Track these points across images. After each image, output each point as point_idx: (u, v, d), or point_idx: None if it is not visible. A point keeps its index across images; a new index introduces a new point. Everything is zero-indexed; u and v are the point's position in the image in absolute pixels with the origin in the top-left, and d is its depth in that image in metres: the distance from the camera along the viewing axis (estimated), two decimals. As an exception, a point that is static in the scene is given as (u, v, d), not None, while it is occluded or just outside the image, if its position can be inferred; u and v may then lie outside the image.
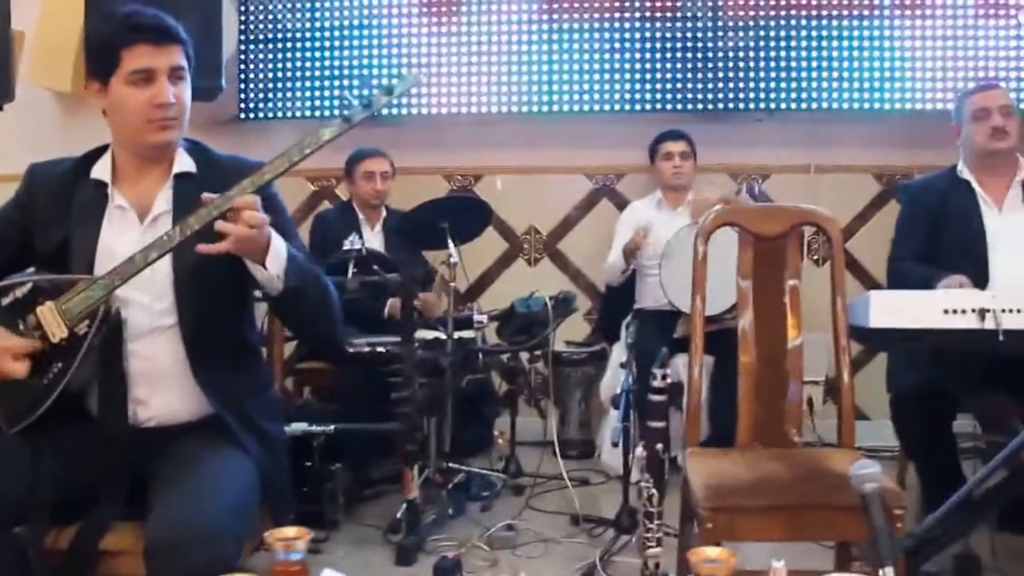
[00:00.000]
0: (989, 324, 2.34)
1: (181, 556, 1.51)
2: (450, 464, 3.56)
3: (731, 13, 4.25)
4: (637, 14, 4.30)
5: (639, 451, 1.52)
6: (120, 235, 1.84)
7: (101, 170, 1.88)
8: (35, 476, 1.68)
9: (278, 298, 1.80)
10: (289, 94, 4.46)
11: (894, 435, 2.96)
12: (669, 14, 4.28)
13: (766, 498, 1.96)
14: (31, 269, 1.85)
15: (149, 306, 1.81)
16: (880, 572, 1.35)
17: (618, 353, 4.15)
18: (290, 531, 1.34)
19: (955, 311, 2.37)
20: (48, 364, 1.72)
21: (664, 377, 1.51)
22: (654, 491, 1.51)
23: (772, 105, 4.28)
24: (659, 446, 1.50)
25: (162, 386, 1.82)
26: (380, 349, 3.22)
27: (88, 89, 1.84)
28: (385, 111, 1.86)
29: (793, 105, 4.26)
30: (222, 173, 1.88)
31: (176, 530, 1.54)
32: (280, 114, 4.49)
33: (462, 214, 3.61)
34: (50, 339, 1.71)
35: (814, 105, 4.26)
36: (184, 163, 1.91)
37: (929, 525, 1.40)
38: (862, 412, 3.86)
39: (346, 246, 3.25)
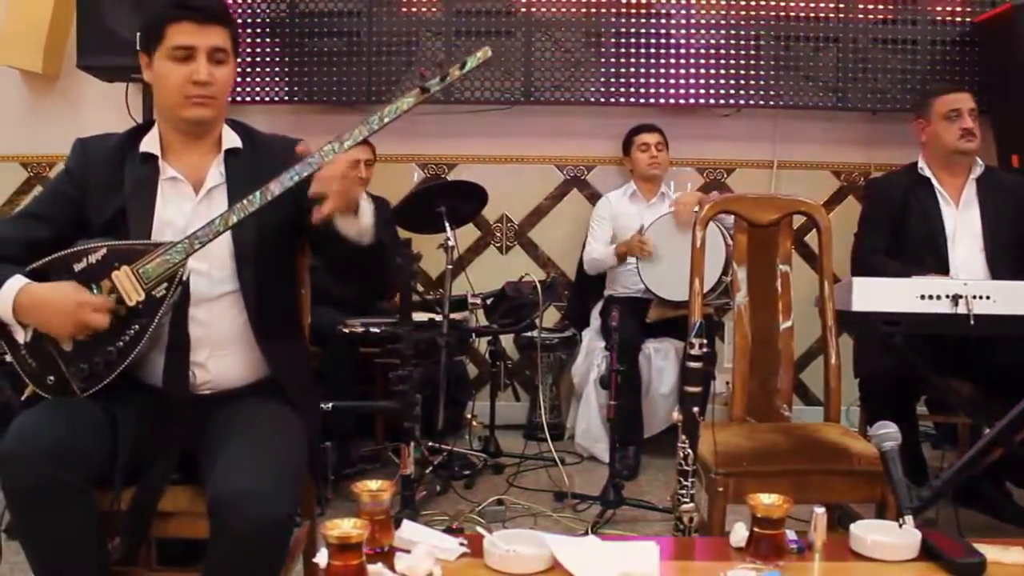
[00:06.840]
0: (961, 309, 2.53)
1: (246, 510, 1.56)
2: (432, 444, 3.65)
3: (703, 12, 4.41)
4: (613, 9, 4.42)
5: (675, 415, 1.64)
6: (176, 206, 1.89)
7: (150, 143, 1.93)
8: (115, 440, 1.72)
9: (364, 250, 1.82)
10: (259, 79, 4.49)
11: (846, 419, 3.15)
12: (644, 11, 4.42)
13: (773, 464, 2.12)
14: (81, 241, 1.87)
15: (208, 274, 1.86)
16: (900, 520, 1.51)
17: (589, 338, 4.29)
18: (373, 484, 1.44)
19: (931, 296, 2.56)
20: (123, 327, 1.76)
21: (702, 346, 1.63)
22: (690, 451, 1.63)
23: (741, 101, 4.46)
24: (695, 409, 1.63)
25: (221, 351, 1.88)
26: (375, 330, 3.28)
27: (141, 62, 1.91)
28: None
29: (762, 102, 4.44)
30: (269, 149, 1.97)
31: (241, 485, 1.59)
32: (251, 98, 4.51)
33: (459, 199, 3.69)
34: (126, 302, 1.75)
35: (781, 103, 4.45)
36: (232, 139, 1.97)
37: (945, 479, 1.55)
38: (818, 397, 4.06)
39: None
